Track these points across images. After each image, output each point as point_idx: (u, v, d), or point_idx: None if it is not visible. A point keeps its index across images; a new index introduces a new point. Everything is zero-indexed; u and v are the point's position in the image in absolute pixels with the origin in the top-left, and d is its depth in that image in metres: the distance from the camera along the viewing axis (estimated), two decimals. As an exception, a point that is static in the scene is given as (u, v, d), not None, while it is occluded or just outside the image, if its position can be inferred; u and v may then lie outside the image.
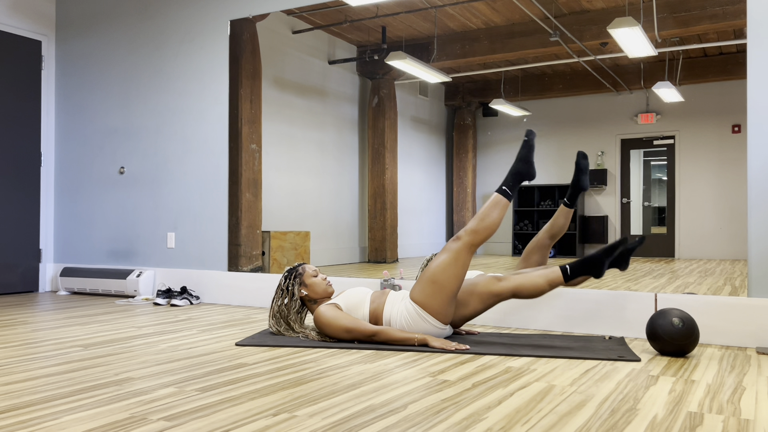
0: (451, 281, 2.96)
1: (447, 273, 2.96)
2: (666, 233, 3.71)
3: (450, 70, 4.18)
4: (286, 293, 3.22)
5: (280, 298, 3.23)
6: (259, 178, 4.74)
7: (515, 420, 1.87)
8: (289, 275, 3.24)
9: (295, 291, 3.21)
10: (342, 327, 3.01)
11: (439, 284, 2.97)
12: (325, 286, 3.21)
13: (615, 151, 3.83)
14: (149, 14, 5.23)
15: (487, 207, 3.01)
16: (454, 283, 2.97)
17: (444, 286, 2.96)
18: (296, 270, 3.25)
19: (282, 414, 1.93)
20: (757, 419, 1.90)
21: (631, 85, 3.70)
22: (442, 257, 2.98)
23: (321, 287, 3.20)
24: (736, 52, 3.40)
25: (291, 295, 3.21)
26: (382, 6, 4.29)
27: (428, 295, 2.99)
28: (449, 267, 2.96)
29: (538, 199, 4.06)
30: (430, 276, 2.99)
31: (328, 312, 3.06)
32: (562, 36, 3.78)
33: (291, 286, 3.21)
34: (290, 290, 3.21)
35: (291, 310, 3.22)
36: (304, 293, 3.20)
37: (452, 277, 2.96)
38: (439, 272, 2.97)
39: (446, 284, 2.96)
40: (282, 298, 3.22)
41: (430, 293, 2.98)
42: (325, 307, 3.09)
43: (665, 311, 2.84)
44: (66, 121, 5.67)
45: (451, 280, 2.96)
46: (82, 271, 5.34)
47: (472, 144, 4.23)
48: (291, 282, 3.22)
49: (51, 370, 2.52)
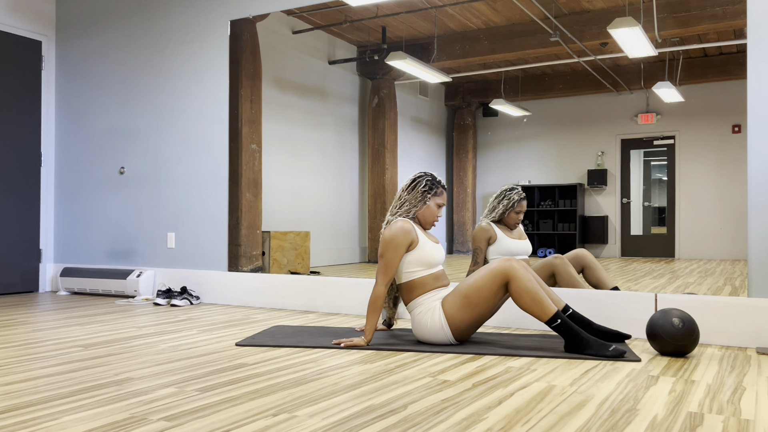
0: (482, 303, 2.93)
1: (480, 293, 2.91)
2: (666, 233, 3.71)
3: (450, 70, 4.18)
4: (420, 193, 3.08)
5: (411, 191, 3.11)
6: (259, 178, 4.74)
7: (515, 420, 1.87)
8: (432, 184, 3.10)
9: (425, 199, 3.09)
10: (388, 262, 2.95)
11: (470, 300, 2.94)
12: (435, 219, 3.12)
13: (615, 151, 3.83)
14: (149, 14, 5.23)
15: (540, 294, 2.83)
16: (485, 305, 2.93)
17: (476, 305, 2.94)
18: (437, 187, 3.11)
19: (282, 414, 1.93)
20: (757, 419, 1.90)
21: (631, 85, 3.70)
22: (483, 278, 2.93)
23: (432, 217, 3.11)
24: (736, 52, 3.40)
25: (423, 195, 3.09)
26: (382, 6, 4.29)
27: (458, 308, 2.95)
28: (484, 288, 2.91)
29: (539, 199, 4.06)
30: (464, 291, 2.95)
31: (401, 236, 2.96)
32: (562, 36, 3.78)
33: (428, 191, 3.09)
34: (424, 193, 3.09)
35: (412, 210, 3.09)
36: (424, 207, 3.10)
37: (483, 299, 2.92)
38: (474, 289, 2.92)
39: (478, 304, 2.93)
40: (413, 192, 3.10)
41: (459, 306, 2.94)
42: (406, 226, 2.99)
43: (665, 311, 2.83)
44: (66, 121, 5.67)
45: (482, 301, 2.92)
46: (82, 271, 5.34)
47: (472, 144, 4.23)
48: (429, 189, 3.09)
49: (51, 370, 2.52)
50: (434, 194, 3.10)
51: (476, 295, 2.90)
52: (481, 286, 2.90)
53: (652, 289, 3.43)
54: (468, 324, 2.95)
